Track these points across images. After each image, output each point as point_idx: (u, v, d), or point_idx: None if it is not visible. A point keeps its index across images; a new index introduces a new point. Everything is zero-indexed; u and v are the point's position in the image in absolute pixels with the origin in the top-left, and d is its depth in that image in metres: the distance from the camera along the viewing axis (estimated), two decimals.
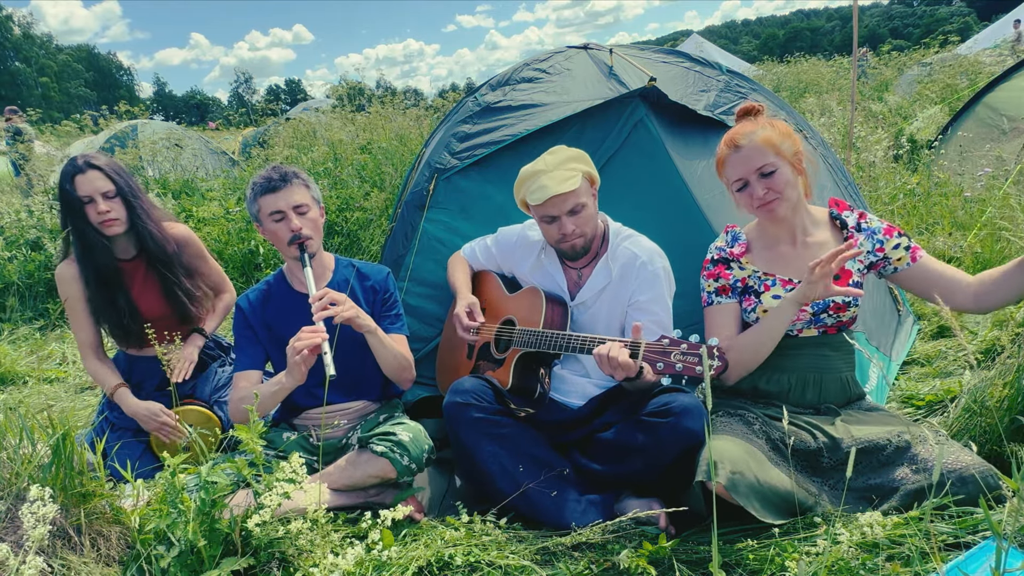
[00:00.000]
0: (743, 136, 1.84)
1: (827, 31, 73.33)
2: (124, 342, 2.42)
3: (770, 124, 1.86)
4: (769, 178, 1.82)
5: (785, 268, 1.92)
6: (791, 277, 1.89)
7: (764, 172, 1.82)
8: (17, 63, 56.18)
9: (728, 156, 1.88)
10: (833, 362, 1.91)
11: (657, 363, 1.64)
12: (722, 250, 1.98)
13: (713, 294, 1.98)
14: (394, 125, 6.77)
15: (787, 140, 1.83)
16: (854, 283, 1.87)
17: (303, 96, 37.86)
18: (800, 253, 1.92)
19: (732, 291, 1.96)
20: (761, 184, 1.83)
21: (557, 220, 1.98)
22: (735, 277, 1.95)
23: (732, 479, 1.55)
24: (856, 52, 4.92)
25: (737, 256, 1.95)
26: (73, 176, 2.21)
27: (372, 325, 1.97)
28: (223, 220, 5.14)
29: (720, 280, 1.96)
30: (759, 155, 1.81)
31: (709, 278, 1.98)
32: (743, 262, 1.94)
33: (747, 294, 1.95)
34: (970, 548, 1.38)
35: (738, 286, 1.96)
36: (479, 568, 1.57)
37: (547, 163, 1.97)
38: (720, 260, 1.97)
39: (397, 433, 1.93)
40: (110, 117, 10.31)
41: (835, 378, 1.91)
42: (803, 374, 1.90)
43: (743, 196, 1.89)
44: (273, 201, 2.01)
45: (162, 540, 1.54)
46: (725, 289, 1.96)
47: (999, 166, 4.56)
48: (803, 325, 1.89)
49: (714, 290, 1.98)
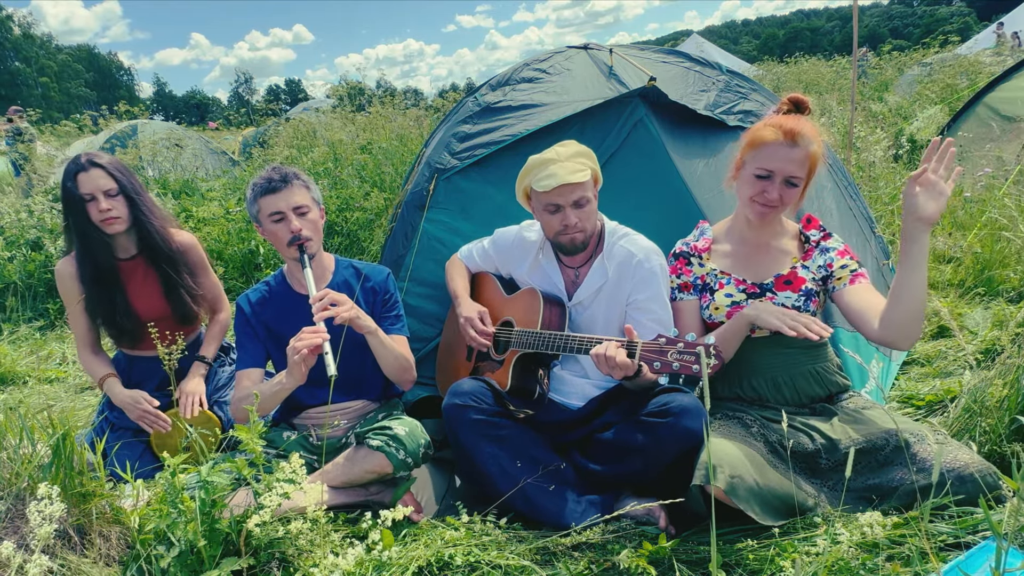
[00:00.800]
0: (802, 137, 1.80)
1: (827, 31, 73.31)
2: (119, 340, 2.43)
3: (822, 140, 1.85)
4: (790, 188, 1.84)
5: (743, 268, 1.97)
6: (745, 277, 1.95)
7: (791, 182, 1.83)
8: (17, 63, 56.19)
9: (774, 144, 1.81)
10: (795, 358, 1.92)
11: (654, 362, 1.64)
12: (686, 244, 2.04)
13: (676, 290, 2.04)
14: (394, 125, 6.77)
15: (818, 161, 1.85)
16: (805, 290, 1.90)
17: (303, 96, 37.87)
18: (761, 256, 1.97)
19: (693, 288, 2.01)
20: (780, 189, 1.84)
21: (561, 210, 1.98)
22: (695, 274, 2.01)
23: (731, 483, 1.55)
24: (856, 52, 4.92)
25: (700, 251, 2.00)
26: (76, 174, 2.22)
27: (372, 326, 1.97)
28: (223, 220, 5.14)
29: (681, 276, 2.02)
30: (799, 165, 1.81)
31: (672, 273, 2.04)
32: (704, 258, 2.00)
33: (704, 291, 1.99)
34: (970, 548, 1.38)
35: (698, 283, 2.01)
36: (479, 568, 1.57)
37: (558, 153, 1.97)
38: (681, 254, 2.04)
39: (393, 428, 1.93)
40: (110, 117, 10.32)
41: (803, 372, 1.92)
42: (772, 373, 1.92)
43: (755, 183, 1.86)
44: (273, 202, 2.01)
45: (162, 540, 1.54)
46: (687, 286, 2.02)
47: (999, 166, 4.56)
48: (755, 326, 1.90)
49: (676, 286, 2.04)
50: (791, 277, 1.92)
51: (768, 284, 1.93)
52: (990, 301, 3.28)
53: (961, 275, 3.53)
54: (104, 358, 2.41)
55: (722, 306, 1.94)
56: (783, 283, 1.92)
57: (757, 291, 1.93)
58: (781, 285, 1.92)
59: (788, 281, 1.92)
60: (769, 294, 1.92)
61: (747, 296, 1.93)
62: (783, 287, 1.92)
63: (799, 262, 1.95)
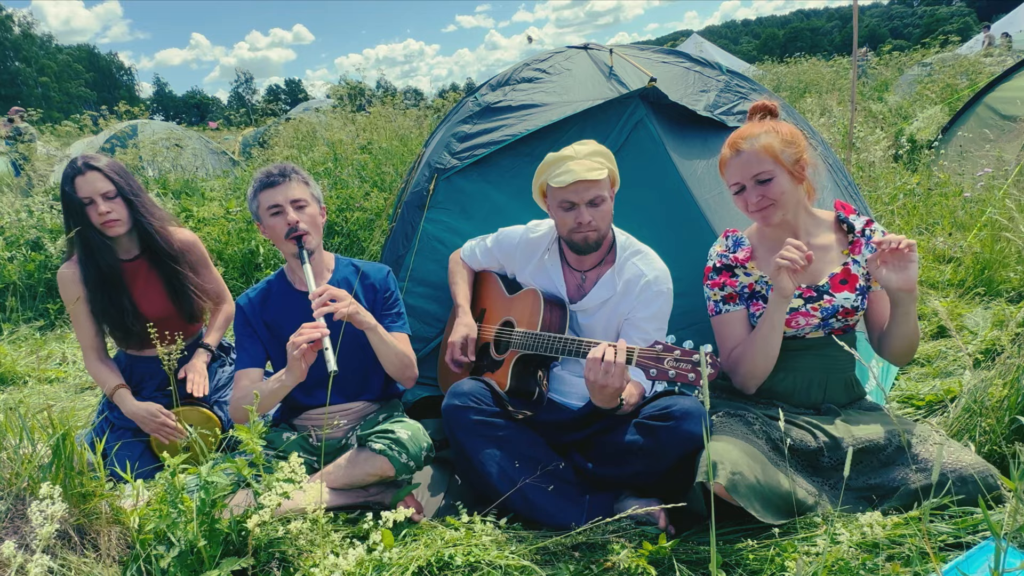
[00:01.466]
0: (745, 140, 1.83)
1: (827, 31, 73.24)
2: (125, 343, 2.42)
3: (775, 129, 1.83)
4: (764, 185, 1.81)
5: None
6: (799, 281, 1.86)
7: (760, 179, 1.81)
8: (17, 63, 56.18)
9: (729, 159, 1.87)
10: (838, 363, 1.91)
11: (650, 369, 1.64)
12: (724, 256, 1.95)
13: (720, 303, 1.95)
14: (394, 125, 6.77)
15: (789, 147, 1.81)
16: (860, 288, 1.86)
17: (303, 96, 37.85)
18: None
19: (740, 298, 1.94)
20: (756, 191, 1.82)
21: (575, 208, 1.96)
22: (741, 283, 1.93)
23: (732, 480, 1.55)
24: (856, 52, 4.92)
25: (742, 261, 1.93)
26: (73, 178, 2.21)
27: (372, 322, 1.96)
28: (223, 220, 5.14)
29: (726, 288, 1.94)
30: (756, 162, 1.80)
31: (714, 287, 1.95)
32: (748, 267, 1.93)
33: (755, 299, 1.93)
34: (970, 548, 1.38)
35: (745, 292, 1.94)
36: (479, 568, 1.57)
37: (576, 151, 1.96)
38: (723, 267, 1.95)
39: (395, 431, 1.93)
40: (110, 117, 10.30)
41: (840, 378, 1.92)
42: (809, 374, 1.90)
43: (739, 199, 1.89)
44: (271, 195, 2.02)
45: (162, 540, 1.54)
46: (732, 297, 1.94)
47: (999, 166, 4.56)
48: (811, 329, 1.89)
49: (720, 298, 1.95)
50: (846, 275, 1.85)
51: (824, 286, 1.86)
52: (990, 301, 3.28)
53: (961, 275, 3.53)
54: (113, 366, 2.40)
55: None
56: (839, 283, 1.85)
57: (814, 294, 1.86)
58: (838, 285, 1.85)
59: (844, 280, 1.85)
60: (827, 296, 1.85)
61: (805, 301, 1.86)
62: (840, 287, 1.85)
63: (849, 256, 1.88)
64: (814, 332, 1.90)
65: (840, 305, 1.85)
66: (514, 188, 2.56)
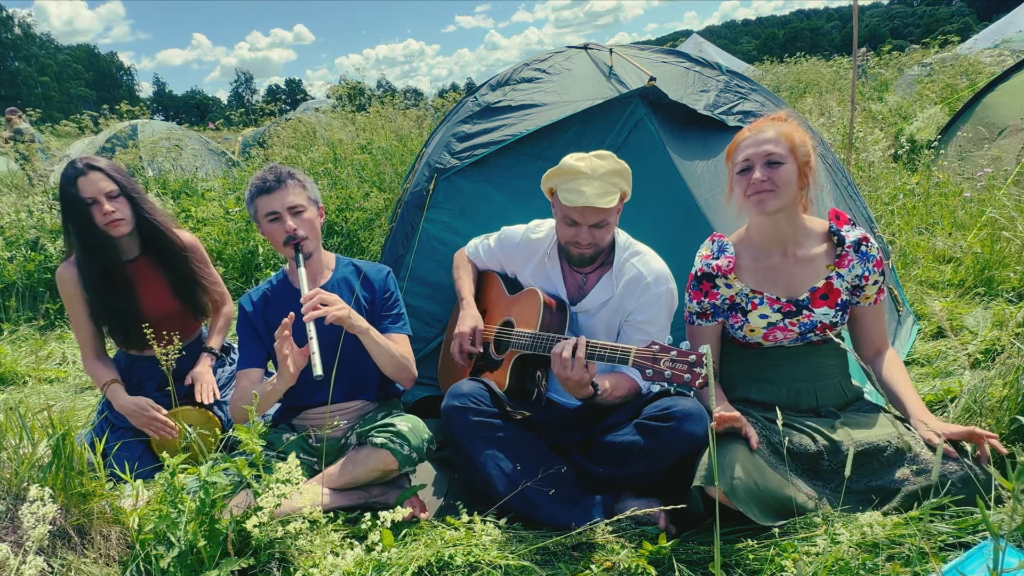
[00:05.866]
0: (769, 124, 1.84)
1: (827, 31, 73.31)
2: (125, 344, 2.42)
3: (798, 127, 1.86)
4: (773, 168, 1.79)
5: (774, 285, 1.88)
6: (779, 295, 1.86)
7: (771, 160, 1.79)
8: (17, 63, 56.17)
9: (746, 137, 1.85)
10: (827, 369, 1.91)
11: (647, 369, 1.64)
12: (708, 264, 1.91)
13: (695, 315, 1.96)
14: (394, 125, 6.77)
15: (804, 146, 1.83)
16: (841, 303, 1.85)
17: (303, 96, 37.81)
18: (790, 268, 1.88)
19: (714, 315, 1.94)
20: (764, 171, 1.79)
21: (577, 226, 1.95)
22: (722, 296, 1.91)
23: (731, 484, 1.55)
24: (856, 52, 4.92)
25: (724, 271, 1.88)
26: (75, 179, 2.20)
27: (364, 325, 1.96)
28: (223, 220, 5.14)
29: (703, 304, 1.93)
30: (774, 143, 1.80)
31: (694, 299, 1.94)
32: (730, 279, 1.89)
33: (734, 311, 1.92)
34: (970, 548, 1.38)
35: (725, 304, 1.92)
36: (479, 568, 1.57)
37: (593, 168, 1.88)
38: (705, 276, 1.91)
39: (396, 424, 1.93)
40: (110, 117, 10.29)
41: (829, 384, 1.91)
42: (795, 384, 1.90)
43: (741, 180, 1.84)
44: (268, 202, 2.01)
45: (162, 540, 1.54)
46: (706, 314, 1.94)
47: (999, 166, 4.56)
48: (789, 343, 1.89)
49: (695, 312, 1.96)
50: (827, 290, 1.83)
51: (804, 300, 1.84)
52: (990, 301, 3.28)
53: (961, 275, 3.53)
54: (109, 363, 2.39)
55: (758, 328, 1.87)
56: (819, 298, 1.84)
57: (793, 309, 1.85)
58: (818, 300, 1.84)
59: (825, 295, 1.84)
60: (806, 312, 1.84)
61: (783, 316, 1.85)
62: (820, 303, 1.84)
63: (834, 270, 1.85)
64: (792, 345, 1.90)
65: (819, 321, 1.84)
66: (514, 188, 2.56)
